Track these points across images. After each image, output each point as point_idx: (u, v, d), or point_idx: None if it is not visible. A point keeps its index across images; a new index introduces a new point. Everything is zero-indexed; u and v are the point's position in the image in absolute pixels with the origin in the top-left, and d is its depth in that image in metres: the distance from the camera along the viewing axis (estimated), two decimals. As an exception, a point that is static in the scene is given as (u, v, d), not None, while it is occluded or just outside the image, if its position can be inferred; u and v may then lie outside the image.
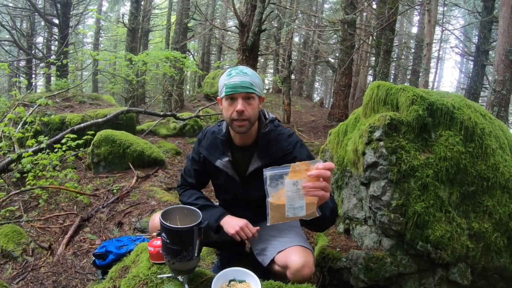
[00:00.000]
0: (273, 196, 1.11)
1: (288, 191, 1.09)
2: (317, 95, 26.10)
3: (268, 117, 1.65)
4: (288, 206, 1.10)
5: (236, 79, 1.46)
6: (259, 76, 1.54)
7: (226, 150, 1.62)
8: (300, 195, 1.09)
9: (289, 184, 1.08)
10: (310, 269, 1.45)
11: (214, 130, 1.69)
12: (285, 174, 1.08)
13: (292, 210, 1.11)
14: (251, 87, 1.47)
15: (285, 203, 1.10)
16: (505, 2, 4.49)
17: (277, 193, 1.10)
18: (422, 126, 1.82)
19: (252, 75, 1.50)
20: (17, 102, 5.06)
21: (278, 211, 1.12)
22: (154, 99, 11.74)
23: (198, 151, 1.71)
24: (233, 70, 1.51)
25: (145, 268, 1.45)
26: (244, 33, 6.20)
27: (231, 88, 1.46)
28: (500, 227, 1.75)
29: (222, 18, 18.98)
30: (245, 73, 1.49)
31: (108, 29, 19.79)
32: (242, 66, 1.56)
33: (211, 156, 1.65)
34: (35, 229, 3.15)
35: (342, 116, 9.19)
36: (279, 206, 1.11)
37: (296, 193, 1.09)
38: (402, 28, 18.03)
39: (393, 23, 7.70)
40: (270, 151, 1.56)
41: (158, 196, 3.60)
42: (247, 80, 1.46)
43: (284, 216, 1.12)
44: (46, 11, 9.75)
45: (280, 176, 1.09)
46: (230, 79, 1.47)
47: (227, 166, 1.61)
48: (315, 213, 1.15)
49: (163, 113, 6.60)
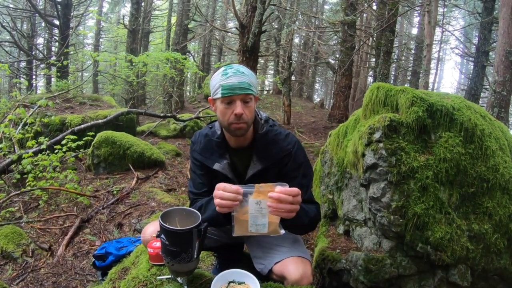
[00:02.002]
0: (238, 212, 1.21)
1: (251, 209, 1.19)
2: (317, 96, 26.11)
3: (262, 117, 1.56)
4: (251, 223, 1.20)
5: (234, 79, 1.36)
6: (254, 75, 1.46)
7: (223, 153, 1.53)
8: (263, 214, 1.19)
9: (252, 203, 1.18)
10: (307, 280, 1.43)
11: (206, 133, 1.59)
12: (249, 194, 1.18)
13: (255, 226, 1.20)
14: (250, 88, 1.38)
15: (248, 219, 1.20)
16: (505, 3, 4.49)
17: (241, 210, 1.20)
18: (421, 128, 1.81)
19: (249, 74, 1.41)
20: (17, 103, 5.07)
21: (242, 225, 1.22)
22: (154, 100, 11.75)
23: (193, 156, 1.62)
24: (229, 68, 1.39)
25: (145, 270, 1.45)
26: (245, 34, 6.21)
27: (228, 89, 1.35)
28: (500, 229, 1.75)
29: (222, 19, 19.00)
30: (242, 72, 1.38)
31: (109, 30, 19.84)
32: (237, 65, 1.45)
33: (207, 160, 1.55)
34: (35, 230, 3.15)
35: (342, 117, 9.20)
36: (243, 221, 1.21)
37: (259, 212, 1.19)
38: (402, 29, 18.05)
39: (393, 24, 7.71)
40: (270, 153, 1.50)
41: (158, 198, 3.60)
42: (245, 81, 1.37)
43: (247, 230, 1.21)
44: (47, 12, 9.76)
45: (245, 195, 1.18)
46: (227, 80, 1.36)
47: (226, 169, 1.52)
48: (278, 230, 1.24)
49: (163, 114, 6.60)
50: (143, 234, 1.62)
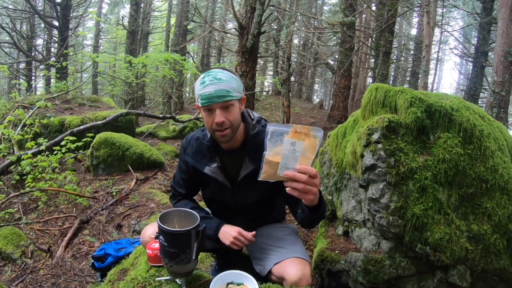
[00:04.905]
0: (271, 151, 1.12)
1: (285, 149, 1.10)
2: (317, 97, 26.13)
3: (254, 117, 1.56)
4: (282, 164, 1.12)
5: (211, 88, 1.34)
6: (236, 76, 1.43)
7: (214, 156, 1.54)
8: (295, 157, 1.11)
9: (287, 142, 1.10)
10: (307, 281, 1.43)
11: (198, 136, 1.60)
12: (285, 133, 1.10)
13: (285, 169, 1.12)
14: (228, 94, 1.36)
15: (279, 161, 1.12)
16: (504, 4, 4.51)
17: (274, 149, 1.12)
18: (420, 128, 1.81)
19: (228, 79, 1.38)
20: (16, 104, 5.06)
21: (272, 168, 1.13)
22: (153, 101, 11.76)
23: (184, 159, 1.63)
24: (206, 77, 1.38)
25: (144, 271, 1.45)
26: (244, 35, 6.20)
27: (206, 99, 1.35)
28: (499, 229, 1.75)
29: (221, 20, 19.02)
30: (219, 79, 1.36)
31: (108, 31, 19.84)
32: (216, 70, 1.41)
33: (198, 164, 1.56)
34: (34, 231, 3.15)
35: (342, 118, 9.22)
36: (273, 163, 1.13)
37: (292, 154, 1.11)
38: (401, 29, 18.08)
39: (392, 25, 7.72)
40: (261, 153, 1.51)
41: (157, 199, 3.60)
42: (223, 88, 1.35)
43: (276, 174, 1.13)
44: (46, 13, 9.77)
45: (280, 134, 1.10)
46: (204, 89, 1.36)
47: (216, 172, 1.53)
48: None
49: (162, 115, 6.61)
50: (143, 235, 1.63)
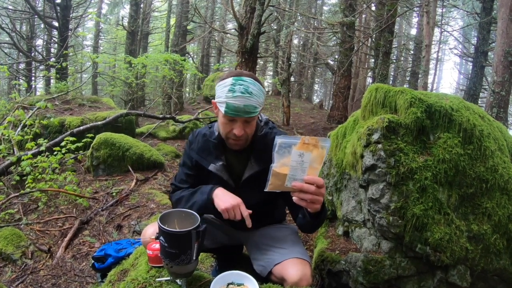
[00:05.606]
0: (278, 163, 1.13)
1: (293, 161, 1.11)
2: (317, 97, 26.13)
3: (262, 119, 1.57)
4: (290, 176, 1.13)
5: (240, 102, 1.30)
6: (263, 88, 1.39)
7: (220, 154, 1.53)
8: (303, 169, 1.12)
9: (295, 154, 1.10)
10: (307, 282, 1.43)
11: (205, 133, 1.58)
12: (293, 145, 1.10)
13: (293, 180, 1.13)
14: (255, 110, 1.33)
15: (287, 172, 1.13)
16: (503, 3, 4.51)
17: (281, 161, 1.13)
18: (420, 129, 1.82)
19: (258, 94, 1.34)
20: (16, 105, 5.06)
21: (279, 179, 1.14)
22: (153, 102, 11.75)
23: (189, 155, 1.61)
24: (237, 84, 1.32)
25: (144, 272, 1.45)
26: (243, 35, 6.21)
27: (233, 111, 1.31)
28: (499, 229, 1.75)
29: (221, 20, 19.03)
30: (250, 93, 1.31)
31: (108, 32, 19.84)
32: (248, 80, 1.34)
33: (203, 161, 1.55)
34: (34, 232, 3.15)
35: (342, 118, 9.22)
36: (281, 175, 1.13)
37: (300, 165, 1.12)
38: (401, 29, 18.09)
39: (392, 25, 7.72)
40: (268, 155, 1.45)
41: (158, 199, 3.60)
42: (252, 104, 1.32)
43: (283, 185, 1.14)
44: (46, 13, 9.77)
45: (288, 145, 1.11)
46: (233, 99, 1.31)
47: (221, 170, 1.51)
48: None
49: (162, 116, 6.60)
50: (143, 235, 1.62)
